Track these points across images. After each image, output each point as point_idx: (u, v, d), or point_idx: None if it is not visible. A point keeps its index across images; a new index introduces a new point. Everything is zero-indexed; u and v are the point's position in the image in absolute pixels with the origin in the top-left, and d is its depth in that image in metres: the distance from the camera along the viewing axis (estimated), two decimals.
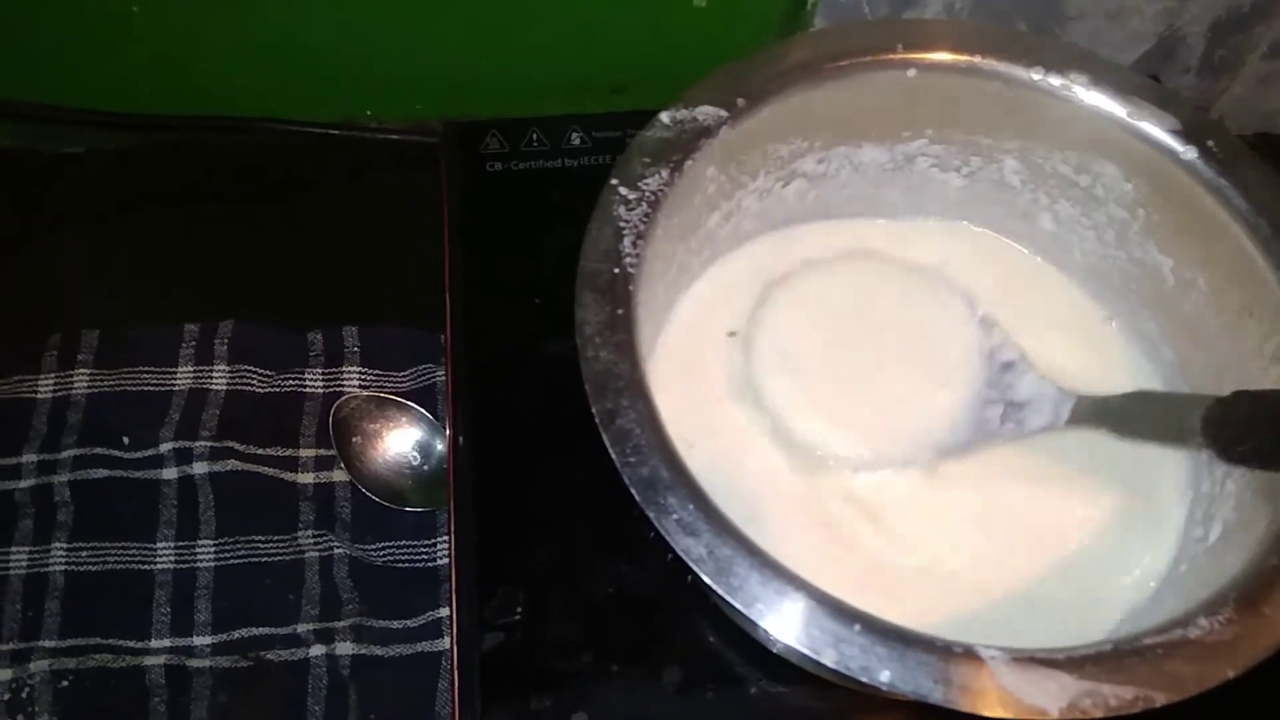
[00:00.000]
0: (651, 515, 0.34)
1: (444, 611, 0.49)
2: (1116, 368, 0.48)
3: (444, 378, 0.52)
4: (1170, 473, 0.45)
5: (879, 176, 0.48)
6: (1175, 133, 0.43)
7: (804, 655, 0.33)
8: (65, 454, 0.52)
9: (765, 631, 0.33)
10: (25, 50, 0.58)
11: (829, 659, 0.32)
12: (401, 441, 0.52)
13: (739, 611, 0.33)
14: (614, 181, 0.40)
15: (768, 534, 0.41)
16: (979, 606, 0.42)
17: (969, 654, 0.32)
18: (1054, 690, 0.32)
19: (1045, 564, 0.43)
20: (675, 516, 0.34)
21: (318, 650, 0.48)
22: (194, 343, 0.55)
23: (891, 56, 0.44)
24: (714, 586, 0.33)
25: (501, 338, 0.48)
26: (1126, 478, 0.45)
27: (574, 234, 0.40)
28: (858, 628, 0.33)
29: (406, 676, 0.48)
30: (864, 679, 0.32)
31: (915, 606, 0.39)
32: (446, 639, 0.48)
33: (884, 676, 0.32)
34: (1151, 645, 0.33)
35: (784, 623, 0.33)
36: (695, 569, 0.33)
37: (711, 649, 0.42)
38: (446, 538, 0.50)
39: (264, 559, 0.50)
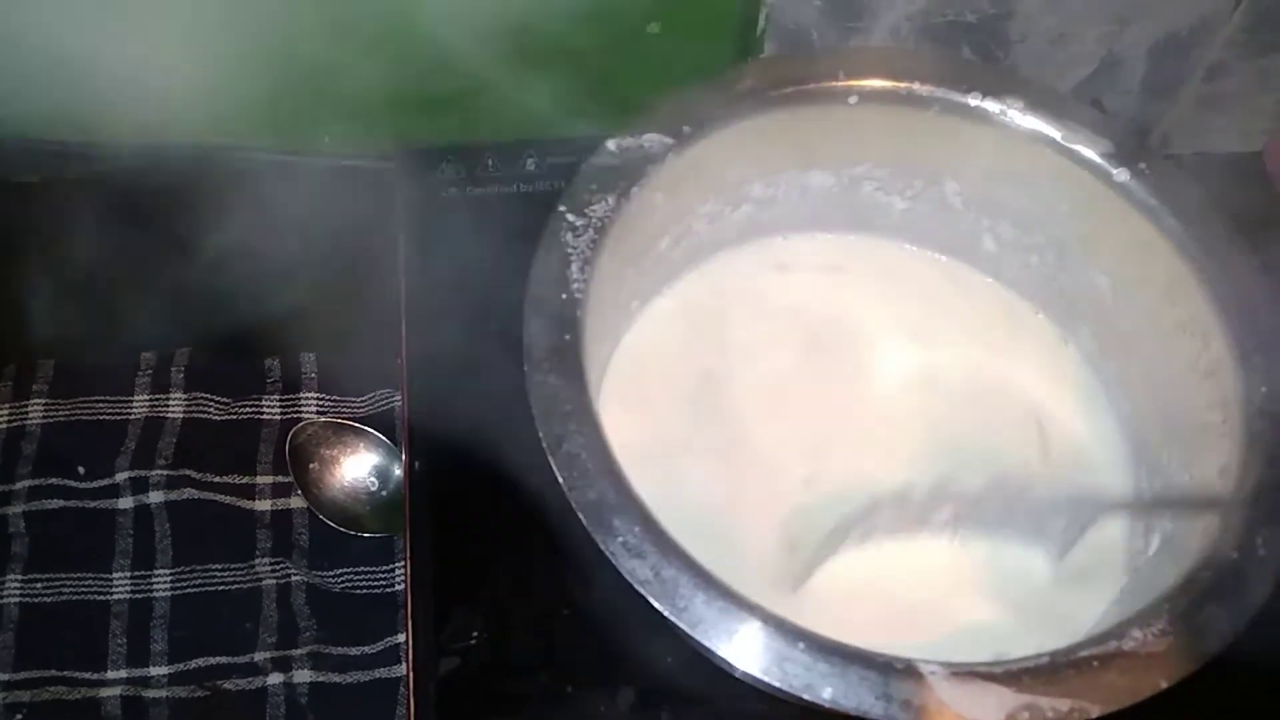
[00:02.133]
0: (598, 538, 0.35)
1: (401, 637, 0.49)
2: (1067, 388, 0.48)
3: (400, 403, 0.53)
4: (1114, 489, 0.46)
5: (826, 200, 0.49)
6: (1108, 155, 0.44)
7: (746, 673, 0.33)
8: (20, 485, 0.52)
9: (710, 651, 0.33)
10: None
11: (772, 677, 0.33)
12: (358, 467, 0.53)
13: (684, 632, 0.33)
14: (561, 209, 0.41)
15: (722, 551, 0.42)
16: (932, 621, 0.42)
17: (909, 669, 0.33)
18: (993, 703, 0.32)
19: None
20: (621, 539, 0.34)
21: (275, 678, 0.48)
22: (150, 371, 0.55)
23: (833, 84, 0.45)
24: (659, 608, 0.33)
25: (458, 363, 0.49)
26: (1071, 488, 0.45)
27: (529, 259, 0.41)
28: (801, 645, 0.33)
29: (364, 703, 0.48)
30: (806, 696, 0.32)
31: (869, 624, 0.40)
32: (404, 665, 0.48)
33: (826, 693, 0.32)
34: (1087, 657, 0.33)
35: (728, 642, 0.33)
36: (641, 590, 0.34)
37: (666, 669, 0.42)
38: (404, 563, 0.50)
39: (221, 587, 0.50)
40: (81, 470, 0.52)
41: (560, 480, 0.36)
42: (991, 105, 0.45)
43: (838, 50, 0.55)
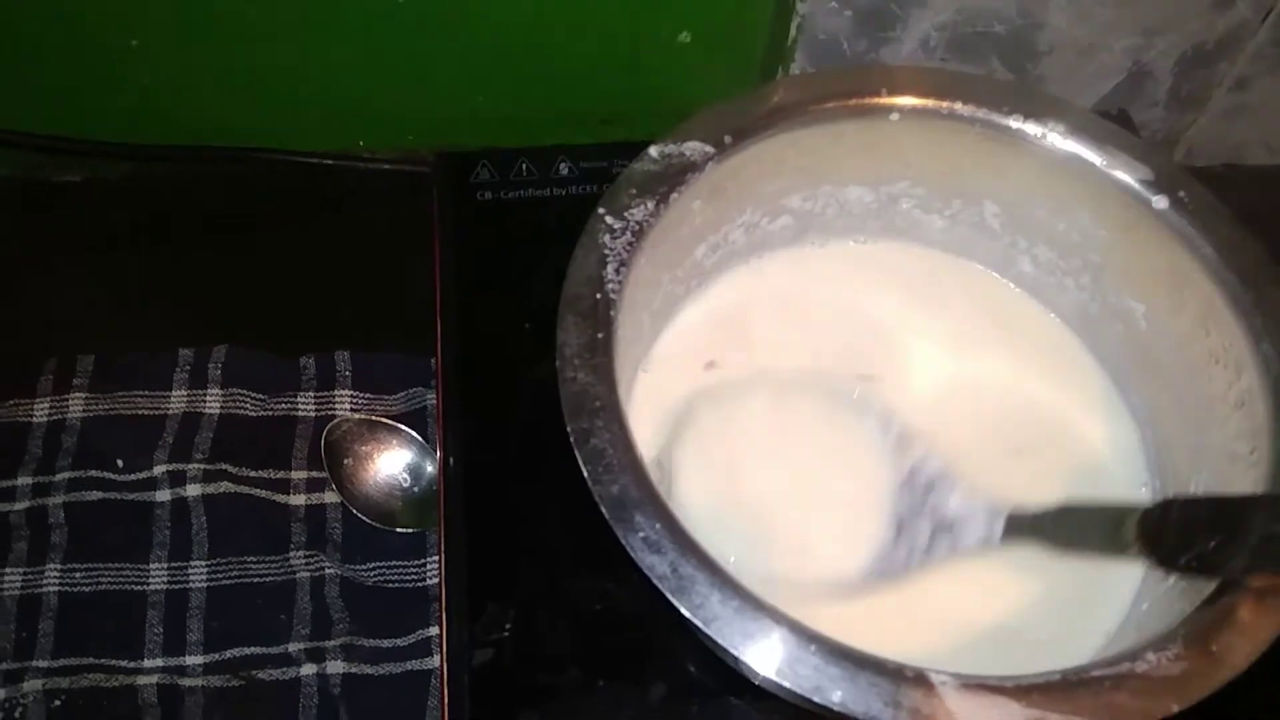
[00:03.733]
0: (618, 532, 0.35)
1: (433, 630, 0.50)
2: (1095, 408, 0.48)
3: (434, 401, 0.54)
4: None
5: (864, 214, 0.50)
6: (1148, 183, 0.44)
7: (756, 673, 0.34)
8: (60, 477, 0.53)
9: (723, 649, 0.34)
10: (25, 81, 0.59)
11: (783, 678, 0.33)
12: (392, 464, 0.53)
13: (699, 629, 0.34)
14: (601, 210, 0.42)
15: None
16: (950, 640, 0.42)
17: (920, 678, 0.33)
18: (1001, 717, 0.32)
19: (1017, 602, 0.43)
20: (642, 534, 0.35)
21: (309, 669, 0.49)
22: (188, 367, 0.56)
23: (876, 101, 0.45)
24: (675, 603, 0.34)
25: (490, 362, 0.50)
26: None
27: (561, 261, 0.42)
28: (813, 648, 0.33)
29: (396, 695, 0.49)
30: (816, 699, 0.33)
31: (886, 633, 0.40)
32: (436, 657, 0.49)
33: (835, 697, 0.33)
34: (1099, 677, 0.33)
35: (741, 641, 0.34)
36: (659, 585, 0.34)
37: (696, 665, 0.43)
38: (436, 557, 0.50)
39: (256, 579, 0.51)
40: (120, 463, 0.53)
41: (585, 474, 0.36)
42: (1033, 128, 0.45)
43: (881, 67, 0.56)
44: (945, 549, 0.42)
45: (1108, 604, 0.43)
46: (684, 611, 0.34)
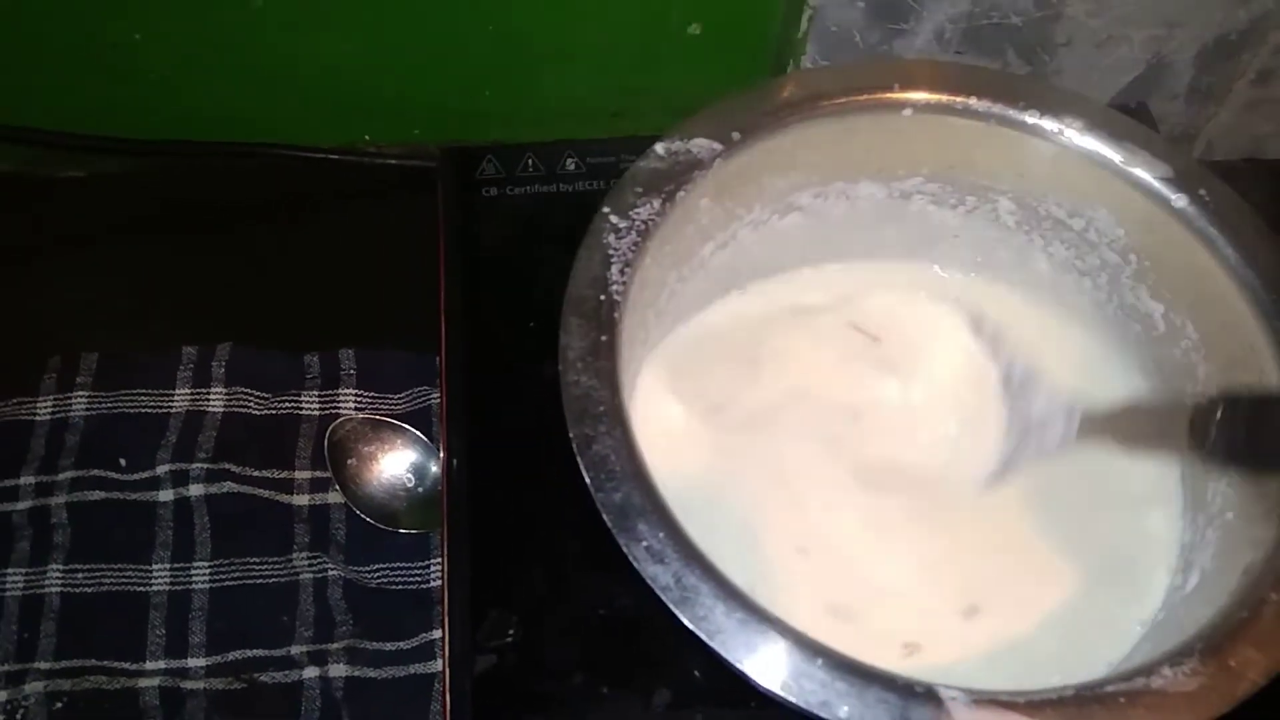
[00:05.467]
0: (621, 541, 0.34)
1: (437, 633, 0.49)
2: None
3: (439, 400, 0.53)
4: (1159, 522, 0.45)
5: (876, 212, 0.49)
6: (1167, 180, 0.43)
7: (761, 686, 0.33)
8: (62, 476, 0.52)
9: (728, 662, 0.33)
10: (27, 76, 0.58)
11: (789, 692, 0.32)
12: (396, 464, 0.53)
13: (703, 641, 0.33)
14: (605, 210, 0.41)
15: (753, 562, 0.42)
16: (964, 655, 0.42)
17: (929, 694, 0.32)
18: None
19: (1037, 613, 0.43)
20: (645, 544, 0.34)
21: (311, 672, 0.48)
22: (191, 365, 0.55)
23: (887, 96, 0.44)
24: (679, 615, 0.33)
25: (496, 361, 0.49)
26: (1116, 528, 0.45)
27: (567, 258, 0.41)
28: (820, 662, 0.33)
29: (399, 698, 0.48)
30: (823, 714, 0.32)
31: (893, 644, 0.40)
32: (439, 661, 0.49)
33: (843, 712, 0.32)
34: (1113, 693, 0.33)
35: (746, 654, 0.33)
36: (662, 597, 0.34)
37: (701, 672, 0.42)
38: (440, 560, 0.50)
39: (259, 581, 0.51)
40: (123, 462, 0.53)
41: (587, 480, 0.36)
42: (1049, 124, 0.44)
43: (892, 61, 0.55)
44: (1034, 450, 0.43)
45: (1128, 618, 0.42)
46: (687, 623, 0.33)
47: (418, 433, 0.53)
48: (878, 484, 0.45)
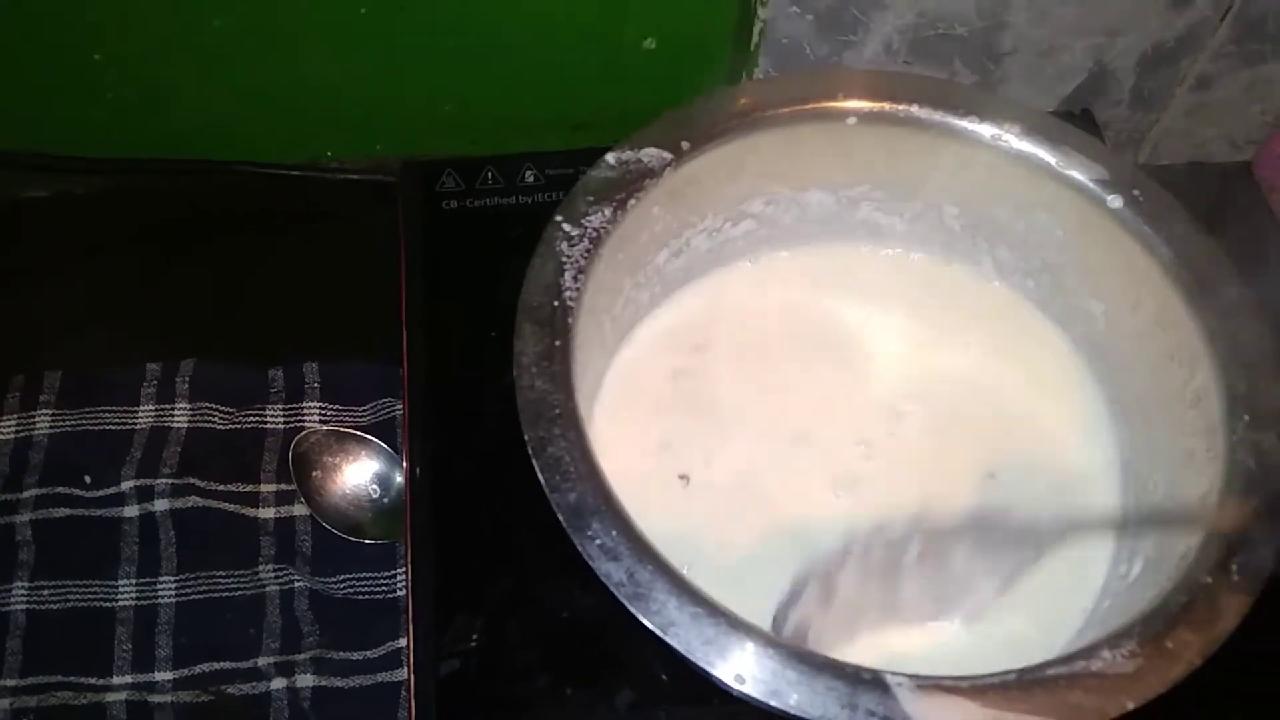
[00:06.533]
0: (575, 540, 0.35)
1: (404, 642, 0.50)
2: (1066, 406, 0.49)
3: (403, 411, 0.54)
4: (1100, 509, 0.46)
5: (826, 218, 0.50)
6: (1102, 182, 0.44)
7: (714, 676, 0.34)
8: (27, 494, 0.52)
9: (683, 655, 0.34)
10: None
11: (740, 683, 0.33)
12: (360, 475, 0.53)
13: (656, 635, 0.34)
14: (558, 218, 0.42)
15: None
16: (918, 640, 0.43)
17: (876, 680, 0.33)
18: (959, 718, 0.32)
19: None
20: (598, 541, 0.35)
21: (279, 683, 0.49)
22: (155, 381, 0.56)
23: (832, 105, 0.45)
24: (632, 610, 0.34)
25: (458, 371, 0.50)
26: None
27: (525, 269, 0.42)
28: (771, 652, 0.34)
29: (367, 707, 0.49)
30: (773, 702, 0.33)
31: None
32: (405, 668, 0.49)
33: (792, 700, 0.33)
34: (1054, 676, 0.34)
35: (699, 646, 0.34)
36: (615, 592, 0.34)
37: (664, 670, 0.43)
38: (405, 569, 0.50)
39: (225, 594, 0.51)
40: (88, 479, 0.53)
41: (542, 481, 0.36)
42: (987, 129, 0.45)
43: (838, 71, 0.56)
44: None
45: (1076, 600, 0.43)
46: (640, 618, 0.34)
47: (382, 443, 0.54)
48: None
